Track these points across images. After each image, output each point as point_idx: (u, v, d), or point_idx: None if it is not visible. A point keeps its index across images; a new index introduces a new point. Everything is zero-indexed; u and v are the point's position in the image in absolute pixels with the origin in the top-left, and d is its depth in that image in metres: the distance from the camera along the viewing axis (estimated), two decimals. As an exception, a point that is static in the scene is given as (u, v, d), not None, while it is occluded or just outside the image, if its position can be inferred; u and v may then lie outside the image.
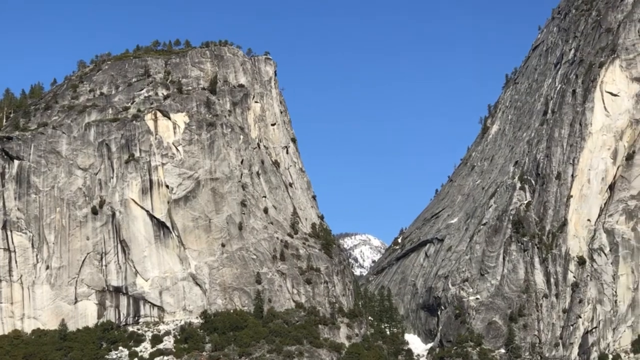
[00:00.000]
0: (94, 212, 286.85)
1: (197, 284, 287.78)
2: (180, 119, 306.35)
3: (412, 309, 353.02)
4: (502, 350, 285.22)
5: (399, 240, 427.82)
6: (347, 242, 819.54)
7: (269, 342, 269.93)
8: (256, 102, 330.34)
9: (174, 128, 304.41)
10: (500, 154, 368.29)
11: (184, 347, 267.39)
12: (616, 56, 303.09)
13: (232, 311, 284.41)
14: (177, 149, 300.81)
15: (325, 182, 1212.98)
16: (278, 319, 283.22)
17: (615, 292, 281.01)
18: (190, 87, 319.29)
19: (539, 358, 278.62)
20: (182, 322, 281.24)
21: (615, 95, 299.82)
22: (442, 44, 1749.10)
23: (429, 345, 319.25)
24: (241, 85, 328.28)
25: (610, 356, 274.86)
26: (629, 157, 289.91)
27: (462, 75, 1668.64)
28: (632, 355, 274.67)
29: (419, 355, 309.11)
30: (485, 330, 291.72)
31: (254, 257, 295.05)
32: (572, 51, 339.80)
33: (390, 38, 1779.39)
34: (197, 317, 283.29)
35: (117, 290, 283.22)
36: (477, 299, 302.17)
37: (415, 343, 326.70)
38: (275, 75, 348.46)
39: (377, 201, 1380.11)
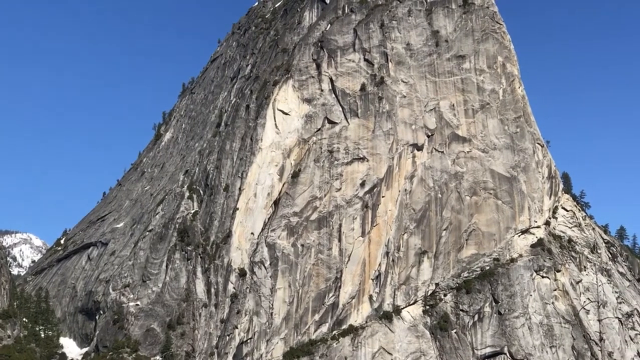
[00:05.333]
0: None
1: None
2: None
3: (70, 312, 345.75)
4: (158, 358, 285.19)
5: (62, 242, 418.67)
6: (7, 240, 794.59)
7: None
8: None
9: None
10: (172, 162, 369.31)
11: None
12: (290, 76, 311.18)
13: None
14: None
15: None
16: None
17: (272, 304, 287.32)
18: None
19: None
20: None
21: (286, 114, 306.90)
22: (121, 49, 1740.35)
23: (85, 349, 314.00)
24: None
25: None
26: (295, 175, 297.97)
27: (138, 81, 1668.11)
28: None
29: (72, 359, 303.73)
30: (143, 337, 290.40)
31: None
32: (249, 67, 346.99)
33: (95, 37, 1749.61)
34: None
35: None
36: (137, 305, 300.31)
37: (71, 347, 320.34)
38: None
39: (41, 200, 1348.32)
